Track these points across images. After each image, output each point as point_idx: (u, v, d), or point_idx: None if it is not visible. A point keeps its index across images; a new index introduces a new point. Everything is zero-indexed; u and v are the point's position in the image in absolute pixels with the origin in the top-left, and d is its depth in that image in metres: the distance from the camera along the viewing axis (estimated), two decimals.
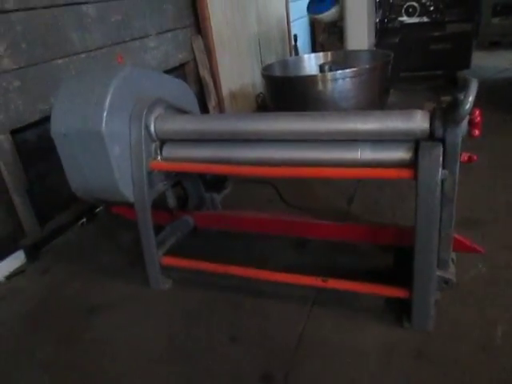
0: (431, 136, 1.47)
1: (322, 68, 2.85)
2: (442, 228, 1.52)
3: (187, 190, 2.29)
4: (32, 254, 2.40)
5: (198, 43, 3.58)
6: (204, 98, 3.73)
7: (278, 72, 3.23)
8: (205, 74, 3.64)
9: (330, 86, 2.62)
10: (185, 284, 2.04)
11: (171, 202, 2.12)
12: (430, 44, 4.73)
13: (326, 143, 1.66)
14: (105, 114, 1.73)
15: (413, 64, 4.77)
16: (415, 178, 1.45)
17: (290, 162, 1.73)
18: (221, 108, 3.81)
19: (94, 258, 2.38)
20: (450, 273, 1.65)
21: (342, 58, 3.22)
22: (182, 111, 2.10)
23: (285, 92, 2.73)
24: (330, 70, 2.83)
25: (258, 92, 4.45)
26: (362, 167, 1.59)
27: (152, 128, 1.89)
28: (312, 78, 2.69)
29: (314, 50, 5.97)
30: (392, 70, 3.95)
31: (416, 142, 1.52)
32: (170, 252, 2.06)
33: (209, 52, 3.63)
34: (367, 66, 2.64)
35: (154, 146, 1.94)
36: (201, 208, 2.33)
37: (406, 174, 1.48)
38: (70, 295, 2.09)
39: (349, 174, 1.57)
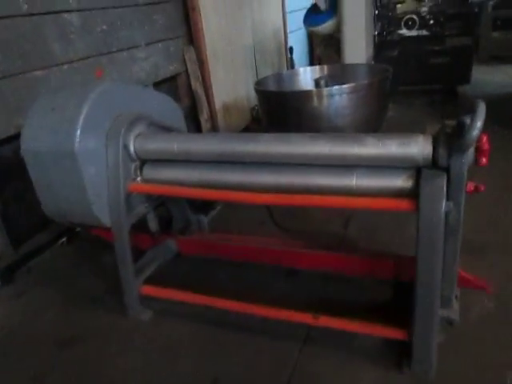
0: (434, 164, 1.33)
1: (317, 83, 2.72)
2: (446, 263, 1.38)
3: (171, 212, 2.15)
4: (5, 276, 2.24)
5: (191, 54, 3.46)
6: (196, 111, 3.60)
7: (272, 86, 3.10)
8: (197, 86, 3.51)
9: (325, 101, 2.49)
10: (166, 315, 1.88)
11: (153, 225, 1.97)
12: (430, 58, 4.63)
13: (319, 168, 1.52)
14: (78, 133, 1.59)
15: (412, 77, 4.66)
16: (416, 209, 1.31)
17: (279, 187, 1.59)
18: (213, 121, 3.68)
19: (72, 282, 2.22)
20: (454, 311, 1.50)
21: (339, 72, 3.10)
22: (166, 128, 1.96)
23: (279, 107, 2.60)
24: (326, 84, 2.70)
25: (253, 105, 4.32)
26: (357, 196, 1.46)
27: (131, 147, 1.76)
28: (307, 93, 2.56)
29: (311, 62, 5.87)
30: (390, 84, 3.85)
31: (417, 170, 1.39)
32: (151, 279, 1.91)
33: (201, 63, 3.50)
34: (365, 82, 2.51)
35: (133, 166, 1.80)
36: (186, 230, 2.19)
37: (405, 205, 1.34)
38: (42, 325, 1.92)
39: (342, 203, 1.43)
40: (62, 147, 1.62)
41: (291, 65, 4.97)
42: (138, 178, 1.81)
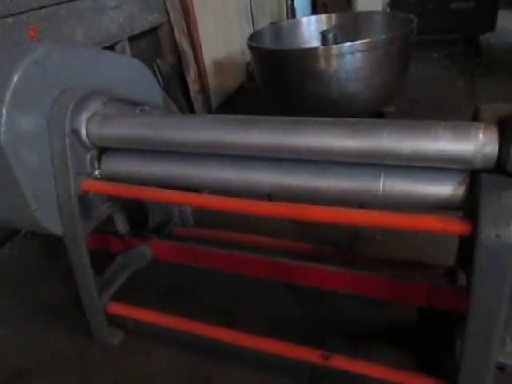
0: (499, 167, 0.93)
1: (324, 37, 2.23)
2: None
3: (147, 204, 1.75)
4: None
5: (173, 2, 2.92)
6: (183, 70, 3.11)
7: (268, 41, 2.59)
8: (182, 40, 3.00)
9: (334, 62, 2.02)
10: (141, 337, 1.54)
11: (121, 226, 1.58)
12: (450, 2, 4.05)
13: (334, 166, 1.12)
14: (3, 120, 1.17)
15: (429, 26, 4.09)
16: (472, 234, 0.92)
17: (278, 189, 1.19)
18: (202, 81, 3.19)
19: (31, 289, 1.86)
20: (508, 355, 1.15)
21: (351, 23, 2.58)
22: (134, 104, 1.53)
23: (277, 69, 2.13)
24: (335, 39, 2.21)
25: (249, 59, 3.80)
26: (382, 206, 1.06)
27: (83, 132, 1.34)
28: (311, 52, 2.08)
29: (314, 10, 5.21)
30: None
31: (472, 175, 0.98)
32: (121, 292, 1.56)
33: (186, 13, 2.97)
34: (384, 37, 2.03)
35: (88, 156, 1.39)
36: (166, 226, 1.80)
37: (456, 227, 0.94)
38: None
39: (361, 220, 1.02)
40: None
41: (292, 13, 4.37)
42: (96, 172, 1.40)
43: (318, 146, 1.07)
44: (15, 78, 1.18)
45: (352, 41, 2.09)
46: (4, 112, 1.17)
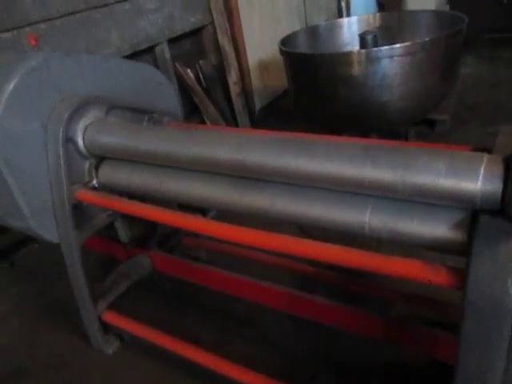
0: (503, 210, 0.75)
1: (363, 39, 2.06)
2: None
3: None
4: None
5: (217, 2, 2.88)
6: (225, 72, 3.07)
7: (302, 45, 2.44)
8: (224, 41, 2.95)
9: (368, 67, 1.84)
10: (135, 347, 1.51)
11: (123, 235, 1.56)
12: None
13: (321, 191, 0.99)
14: None
15: (502, 22, 3.71)
16: (463, 288, 0.76)
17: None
18: (245, 83, 3.12)
19: (47, 287, 1.91)
20: None
21: (396, 23, 2.36)
22: (141, 112, 1.50)
23: (306, 74, 1.99)
24: (375, 42, 2.03)
25: None
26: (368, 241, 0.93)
27: (80, 140, 1.33)
28: (342, 56, 1.90)
29: (379, 7, 4.89)
30: (473, 31, 3.02)
31: (474, 216, 0.82)
32: (120, 300, 1.54)
33: (230, 14, 2.91)
34: (426, 40, 1.82)
35: (86, 165, 1.38)
36: (175, 236, 1.76)
37: (441, 276, 0.79)
38: None
39: (343, 259, 0.89)
40: None
41: (347, 10, 4.15)
42: (94, 181, 1.39)
43: (299, 168, 0.95)
44: (10, 87, 1.19)
45: (394, 43, 1.90)
46: None
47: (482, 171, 0.76)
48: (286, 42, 2.24)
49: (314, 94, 2.06)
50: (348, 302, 1.26)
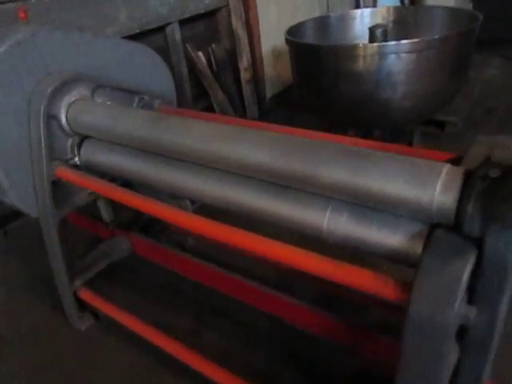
0: (457, 225, 0.72)
1: (372, 33, 1.98)
2: None
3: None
4: None
5: None
6: (237, 58, 3.02)
7: (312, 35, 2.37)
8: (238, 25, 2.90)
9: (374, 62, 1.78)
10: (109, 328, 1.52)
11: (105, 214, 1.57)
12: None
13: (285, 190, 0.96)
14: None
15: None
16: (404, 305, 0.73)
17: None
18: (256, 70, 3.07)
19: (38, 257, 1.93)
20: None
21: (410, 18, 2.27)
22: (131, 92, 1.49)
23: (311, 66, 1.93)
24: (384, 37, 1.95)
25: None
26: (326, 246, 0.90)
27: (63, 117, 1.33)
28: (348, 49, 1.83)
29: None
30: (500, 31, 2.90)
31: (431, 229, 0.78)
32: (99, 278, 1.56)
33: None
34: (435, 38, 1.74)
35: (69, 143, 1.38)
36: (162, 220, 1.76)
37: (387, 289, 0.76)
38: None
39: (290, 259, 0.86)
40: None
41: (373, 1, 4.01)
42: (76, 159, 1.39)
43: (259, 162, 0.93)
44: None
45: (405, 39, 1.83)
46: None
47: (438, 184, 0.72)
48: (293, 31, 2.18)
49: (317, 86, 2.01)
50: (324, 304, 1.24)
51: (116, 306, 1.46)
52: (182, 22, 2.69)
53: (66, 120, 1.33)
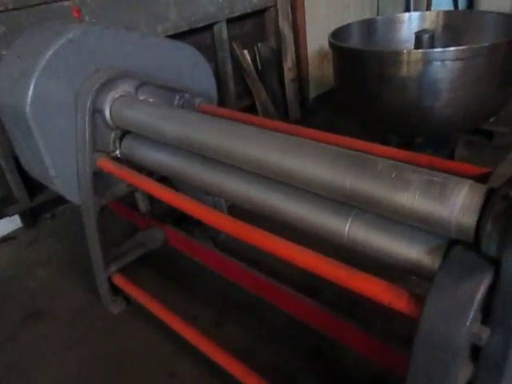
0: (476, 244, 0.71)
1: (418, 38, 1.94)
2: None
3: (179, 189, 1.78)
4: (27, 220, 2.20)
5: None
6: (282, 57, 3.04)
7: (357, 39, 2.34)
8: (284, 25, 2.91)
9: (417, 69, 1.74)
10: (140, 314, 1.60)
11: (142, 205, 1.65)
12: None
13: (309, 195, 0.98)
14: (30, 92, 1.28)
15: None
16: (416, 319, 0.73)
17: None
18: (301, 70, 3.07)
19: (75, 243, 2.03)
20: None
21: (461, 23, 2.19)
22: (173, 90, 1.55)
23: (353, 70, 1.92)
24: (431, 43, 1.90)
25: None
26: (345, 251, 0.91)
27: (107, 112, 1.40)
28: (392, 55, 1.80)
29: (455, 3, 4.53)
30: None
31: (450, 245, 0.77)
32: (135, 265, 1.64)
33: None
34: (482, 45, 1.68)
35: (112, 136, 1.46)
36: None
37: (401, 301, 0.76)
38: (20, 290, 1.82)
39: (309, 263, 0.88)
40: (17, 105, 1.33)
41: (428, 4, 3.88)
42: (117, 151, 1.47)
43: (286, 167, 0.95)
44: (47, 56, 1.28)
45: (453, 45, 1.78)
46: (31, 87, 1.27)
47: (459, 200, 0.72)
48: (338, 33, 2.17)
49: (358, 90, 1.99)
50: (346, 309, 1.24)
51: (146, 293, 1.53)
52: (229, 21, 2.74)
53: (110, 114, 1.41)
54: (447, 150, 2.24)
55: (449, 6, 3.97)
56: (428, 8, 3.92)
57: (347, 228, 0.90)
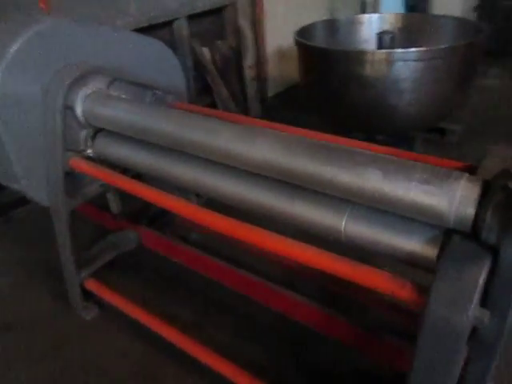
0: (475, 233, 0.75)
1: (380, 39, 2.02)
2: None
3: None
4: None
5: None
6: (241, 55, 3.04)
7: (321, 38, 2.41)
8: (244, 24, 2.92)
9: (381, 69, 1.82)
10: (114, 319, 1.54)
11: (114, 206, 1.59)
12: None
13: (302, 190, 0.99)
14: None
15: None
16: (422, 306, 0.76)
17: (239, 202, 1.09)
18: (260, 69, 3.10)
19: (44, 245, 1.93)
20: None
21: (417, 26, 2.31)
22: (145, 87, 1.50)
23: (320, 69, 1.97)
24: (391, 43, 1.99)
25: None
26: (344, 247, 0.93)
27: (79, 109, 1.33)
28: (357, 54, 1.88)
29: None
30: (499, 42, 2.95)
31: (446, 235, 0.82)
32: (105, 269, 1.58)
33: None
34: (443, 47, 1.78)
35: (83, 134, 1.39)
36: (168, 213, 1.78)
37: (405, 291, 0.79)
38: None
39: (313, 260, 0.90)
40: None
41: (375, 7, 4.04)
42: (89, 150, 1.40)
43: (278, 164, 0.95)
44: (13, 49, 1.20)
45: (411, 46, 1.87)
46: None
47: (458, 192, 0.76)
48: (303, 32, 2.21)
49: (324, 88, 2.04)
50: (328, 303, 1.27)
51: (121, 296, 1.48)
52: (190, 18, 2.70)
53: (82, 112, 1.34)
54: (406, 147, 2.35)
55: (398, 10, 4.17)
56: (377, 11, 4.09)
57: (344, 223, 0.92)
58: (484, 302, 0.74)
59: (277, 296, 1.32)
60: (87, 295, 1.55)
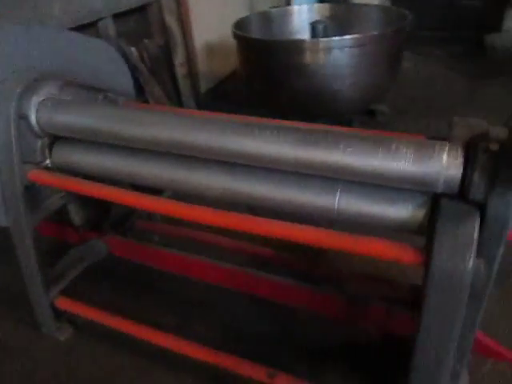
0: (462, 194, 0.84)
1: (314, 28, 2.12)
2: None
3: None
4: None
5: None
6: (171, 53, 2.99)
7: (256, 30, 2.47)
8: (171, 21, 2.87)
9: (320, 57, 1.91)
10: (89, 334, 1.47)
11: (76, 218, 1.50)
12: None
13: (289, 175, 1.03)
14: None
15: (434, 22, 3.97)
16: (425, 264, 0.84)
17: (228, 191, 1.11)
18: (191, 66, 3.07)
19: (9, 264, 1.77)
20: None
21: (344, 15, 2.46)
22: (96, 90, 1.44)
23: (260, 60, 2.02)
24: (325, 32, 2.10)
25: None
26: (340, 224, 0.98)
27: (33, 118, 1.24)
28: (295, 44, 1.96)
29: None
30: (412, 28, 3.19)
31: (433, 199, 0.90)
32: (75, 284, 1.49)
33: None
34: (375, 33, 1.92)
35: (39, 144, 1.30)
36: (130, 217, 1.72)
37: (407, 254, 0.87)
38: None
39: (294, 234, 0.94)
40: None
41: None
42: (47, 161, 1.32)
43: (268, 152, 0.98)
44: None
45: (342, 34, 1.98)
46: None
47: (445, 158, 0.84)
48: (239, 25, 2.24)
49: (266, 79, 2.09)
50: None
51: (98, 310, 1.41)
52: (115, 17, 2.59)
53: (36, 120, 1.25)
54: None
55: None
56: (288, 4, 4.22)
57: (337, 201, 0.97)
58: (478, 252, 0.84)
59: (257, 281, 1.34)
60: (58, 315, 1.46)
